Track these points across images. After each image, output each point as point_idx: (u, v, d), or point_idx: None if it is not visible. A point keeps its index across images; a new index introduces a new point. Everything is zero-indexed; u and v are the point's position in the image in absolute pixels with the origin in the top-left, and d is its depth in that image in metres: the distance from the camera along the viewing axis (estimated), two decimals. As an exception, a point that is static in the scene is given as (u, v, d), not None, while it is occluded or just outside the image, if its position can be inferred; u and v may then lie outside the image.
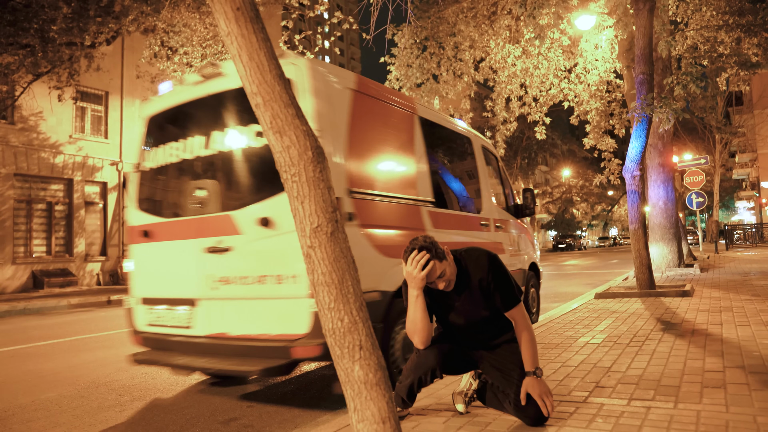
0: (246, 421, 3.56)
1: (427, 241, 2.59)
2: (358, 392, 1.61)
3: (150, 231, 4.24)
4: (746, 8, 12.34)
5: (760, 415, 2.61)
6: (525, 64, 14.05)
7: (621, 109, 13.95)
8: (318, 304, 1.62)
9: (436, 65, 13.88)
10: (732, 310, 5.99)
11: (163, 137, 4.35)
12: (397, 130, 4.50)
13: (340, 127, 3.76)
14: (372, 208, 3.93)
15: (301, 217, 1.56)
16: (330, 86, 3.79)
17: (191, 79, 4.16)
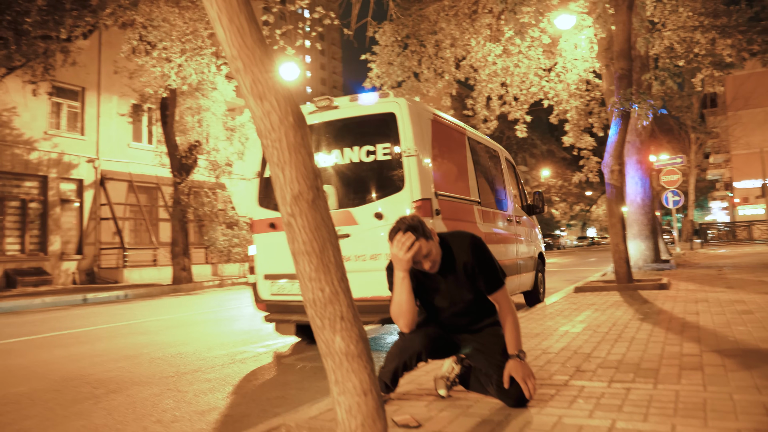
0: (225, 411, 3.51)
1: (414, 220, 2.59)
2: (339, 364, 1.59)
3: (275, 223, 5.43)
4: (721, 10, 12.56)
5: (736, 393, 2.64)
6: (505, 62, 14.12)
7: (600, 108, 14.09)
8: (298, 274, 1.59)
9: (417, 63, 13.89)
10: (708, 301, 6.08)
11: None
12: (457, 147, 5.90)
13: (427, 147, 5.05)
14: (448, 206, 5.18)
15: (282, 184, 1.53)
16: (420, 117, 5.08)
17: (307, 109, 5.42)
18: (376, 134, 5.09)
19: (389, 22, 13.45)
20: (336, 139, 5.29)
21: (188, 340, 6.45)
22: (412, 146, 4.83)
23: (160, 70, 13.59)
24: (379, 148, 5.03)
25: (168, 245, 18.25)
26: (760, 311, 5.14)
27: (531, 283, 7.82)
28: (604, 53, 12.16)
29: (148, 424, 3.35)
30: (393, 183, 4.93)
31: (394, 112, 4.95)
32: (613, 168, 7.54)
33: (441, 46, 13.80)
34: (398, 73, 13.57)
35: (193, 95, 16.22)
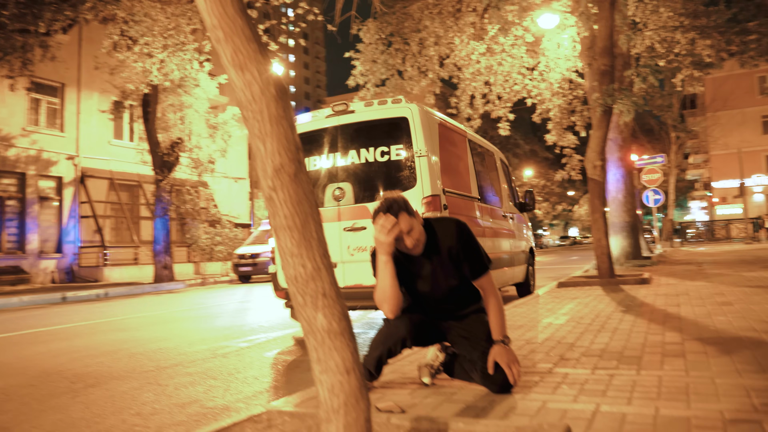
0: (206, 403, 3.46)
1: (397, 197, 2.59)
2: (321, 342, 1.56)
3: None
4: (700, 11, 12.71)
5: (717, 377, 2.66)
6: (489, 61, 14.16)
7: (582, 107, 14.19)
8: (280, 250, 1.55)
9: (401, 61, 13.87)
10: (688, 294, 6.14)
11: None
12: (460, 149, 6.38)
13: (435, 148, 5.52)
14: (454, 202, 5.65)
15: (263, 157, 1.50)
16: (429, 121, 5.60)
17: (325, 113, 5.95)
18: (389, 136, 5.54)
19: (373, 19, 13.43)
20: (352, 141, 5.72)
21: (169, 336, 6.36)
22: (423, 147, 5.33)
23: (141, 65, 13.42)
24: (392, 149, 5.49)
25: (149, 243, 18.06)
26: (739, 303, 5.20)
27: (523, 275, 8.37)
28: (586, 52, 12.24)
29: (127, 416, 3.28)
30: (406, 180, 5.38)
31: (407, 117, 5.45)
32: (596, 163, 7.59)
33: (425, 44, 13.80)
34: (382, 71, 13.55)
35: (175, 92, 16.05)
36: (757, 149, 38.32)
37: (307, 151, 5.92)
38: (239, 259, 16.73)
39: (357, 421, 1.56)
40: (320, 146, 5.89)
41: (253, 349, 5.30)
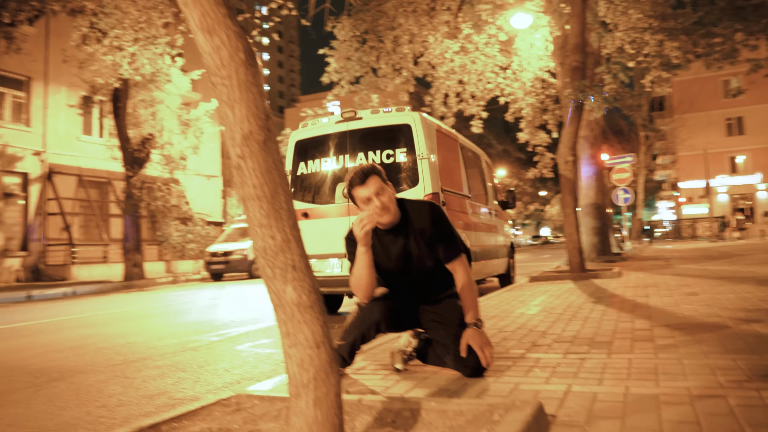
0: (175, 395, 3.39)
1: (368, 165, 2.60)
2: (290, 315, 1.52)
3: (308, 212, 6.36)
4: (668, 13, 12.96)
5: (684, 358, 2.71)
6: (463, 60, 14.23)
7: (554, 106, 14.37)
8: (248, 221, 1.52)
9: (375, 59, 13.85)
10: (657, 286, 6.26)
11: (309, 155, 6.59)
12: (453, 152, 7.00)
13: (434, 151, 6.12)
14: (450, 199, 6.27)
15: (231, 124, 1.46)
16: (429, 127, 6.16)
17: (335, 119, 6.47)
18: (394, 141, 6.10)
19: (347, 17, 13.39)
20: (360, 144, 6.27)
21: (138, 331, 6.24)
22: (424, 151, 5.94)
23: (111, 58, 13.13)
24: (397, 152, 6.06)
25: (119, 241, 17.71)
26: (705, 293, 5.31)
27: (504, 267, 9.05)
28: (558, 51, 12.39)
29: (92, 408, 3.20)
30: (409, 180, 5.95)
31: (410, 124, 6.06)
32: (567, 159, 7.68)
33: (399, 42, 13.80)
34: (356, 68, 13.52)
35: (146, 87, 15.77)
36: (722, 151, 39.32)
37: (319, 153, 6.58)
38: (211, 257, 16.51)
39: (327, 396, 1.53)
40: (331, 148, 6.51)
41: (224, 343, 5.22)
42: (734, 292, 5.28)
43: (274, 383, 2.71)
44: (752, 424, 1.76)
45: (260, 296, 10.07)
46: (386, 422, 1.92)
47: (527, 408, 1.80)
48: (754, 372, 2.38)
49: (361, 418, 1.96)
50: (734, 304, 4.48)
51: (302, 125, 6.91)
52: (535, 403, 1.84)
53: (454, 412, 1.91)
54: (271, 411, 2.09)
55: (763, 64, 12.28)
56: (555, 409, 2.04)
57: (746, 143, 39.21)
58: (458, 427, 1.81)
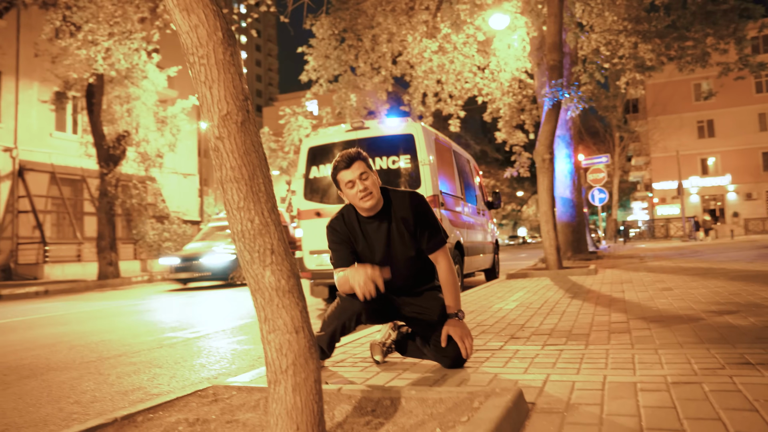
0: (150, 391, 3.33)
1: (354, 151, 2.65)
2: (269, 300, 1.50)
3: (320, 212, 6.91)
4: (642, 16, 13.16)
5: (660, 348, 2.74)
6: (441, 59, 14.28)
7: (531, 106, 14.50)
8: (226, 204, 1.49)
9: (354, 57, 13.83)
10: (632, 282, 6.34)
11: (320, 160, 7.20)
12: (448, 158, 7.59)
13: (433, 158, 6.70)
14: (447, 199, 6.96)
15: (209, 104, 1.43)
16: (428, 137, 6.81)
17: (344, 128, 7.16)
18: (398, 149, 6.73)
19: (326, 15, 13.34)
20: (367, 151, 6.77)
21: (113, 329, 6.12)
22: (426, 158, 6.58)
23: (85, 53, 12.85)
24: (401, 159, 6.68)
25: (93, 240, 17.39)
26: (678, 288, 5.40)
27: (490, 263, 9.72)
28: (536, 52, 12.51)
29: (65, 405, 3.13)
30: (412, 183, 6.55)
31: (413, 134, 6.71)
32: (545, 157, 7.75)
33: (378, 41, 13.79)
34: (335, 66, 13.48)
35: (122, 83, 15.50)
36: (693, 152, 40.07)
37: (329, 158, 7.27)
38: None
39: (306, 382, 1.51)
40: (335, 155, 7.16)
41: (201, 339, 5.16)
42: (706, 287, 5.38)
43: (252, 376, 2.68)
44: (726, 408, 1.79)
45: (238, 296, 9.97)
46: (366, 411, 1.90)
47: (507, 395, 1.80)
48: (727, 360, 2.42)
49: (340, 407, 1.95)
50: (707, 298, 4.56)
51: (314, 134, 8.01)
52: (515, 390, 1.85)
53: (434, 400, 1.90)
54: (250, 401, 2.06)
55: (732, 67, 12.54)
56: (534, 398, 2.05)
57: (716, 145, 40.06)
58: (438, 414, 1.80)
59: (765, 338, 2.84)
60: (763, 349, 2.59)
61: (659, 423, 1.69)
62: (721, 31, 12.37)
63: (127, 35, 13.03)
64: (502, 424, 1.60)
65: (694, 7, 12.42)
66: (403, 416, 1.83)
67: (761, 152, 38.89)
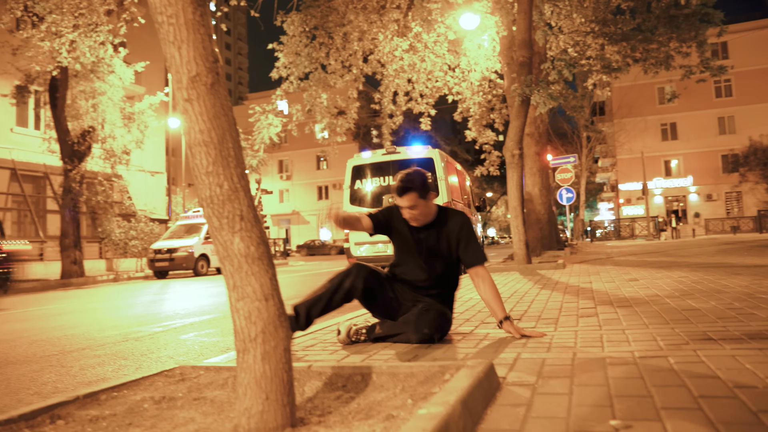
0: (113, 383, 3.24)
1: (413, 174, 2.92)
2: (238, 267, 1.47)
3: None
4: (608, 19, 13.41)
5: (627, 329, 2.79)
6: (412, 58, 14.31)
7: (501, 105, 14.64)
8: (194, 168, 1.46)
9: (325, 55, 13.76)
10: (599, 275, 6.46)
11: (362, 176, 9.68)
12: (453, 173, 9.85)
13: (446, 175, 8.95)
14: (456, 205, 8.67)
15: (178, 66, 1.40)
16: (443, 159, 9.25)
17: (380, 152, 9.78)
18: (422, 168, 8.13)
19: (297, 12, 13.26)
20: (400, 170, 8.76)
21: (77, 324, 5.97)
22: (442, 175, 9.01)
23: (49, 45, 12.47)
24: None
25: (57, 238, 16.92)
26: (644, 279, 5.52)
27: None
28: (506, 52, 12.64)
29: (24, 396, 3.02)
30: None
31: (433, 157, 9.27)
32: (514, 152, 7.83)
33: (349, 39, 13.75)
34: (305, 64, 13.39)
35: (87, 77, 15.12)
36: (657, 154, 41.07)
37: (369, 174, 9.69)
38: (155, 254, 15.97)
39: (276, 350, 1.49)
40: (380, 172, 9.66)
41: (168, 333, 5.06)
42: (670, 277, 5.51)
43: (221, 359, 2.64)
44: (691, 376, 1.83)
45: (207, 292, 9.83)
46: (337, 386, 1.89)
47: (479, 366, 1.80)
48: (691, 337, 2.48)
49: (311, 384, 1.93)
50: (671, 286, 4.67)
51: (357, 155, 10.15)
52: (486, 363, 1.85)
53: (405, 374, 1.90)
54: (218, 380, 2.03)
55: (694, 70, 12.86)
56: (505, 373, 2.06)
57: (679, 148, 41.16)
58: (410, 387, 1.80)
59: (725, 317, 2.92)
60: (723, 327, 2.66)
61: (627, 391, 1.72)
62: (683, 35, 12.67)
63: (93, 28, 12.70)
64: (474, 392, 1.60)
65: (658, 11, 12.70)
66: (375, 390, 1.82)
67: (720, 155, 40.09)
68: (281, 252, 29.25)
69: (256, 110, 16.99)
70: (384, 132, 15.44)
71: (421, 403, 1.60)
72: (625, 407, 1.57)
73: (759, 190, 37.95)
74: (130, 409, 1.75)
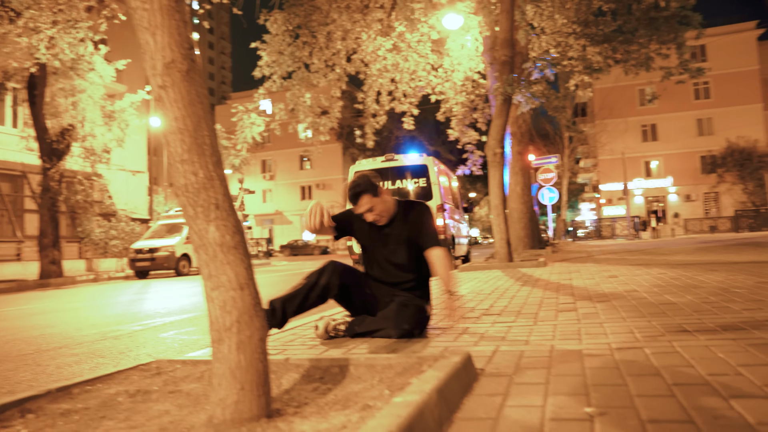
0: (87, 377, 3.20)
1: (362, 180, 2.89)
2: (212, 256, 1.46)
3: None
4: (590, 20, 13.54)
5: (605, 322, 2.82)
6: (395, 58, 14.32)
7: (484, 105, 14.71)
8: (169, 156, 1.44)
9: (308, 54, 13.72)
10: (580, 272, 6.52)
11: None
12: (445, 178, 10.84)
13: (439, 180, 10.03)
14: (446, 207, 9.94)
15: (152, 52, 1.38)
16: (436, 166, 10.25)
17: (380, 159, 10.55)
18: (417, 174, 10.14)
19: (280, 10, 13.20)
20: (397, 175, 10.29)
21: (54, 324, 5.87)
22: (435, 180, 10.00)
23: (26, 41, 12.24)
24: (420, 180, 10.10)
25: (35, 238, 16.63)
26: (623, 276, 5.58)
27: (466, 251, 13.19)
28: (489, 52, 12.70)
29: (-2, 394, 2.97)
30: (426, 196, 9.85)
31: (427, 164, 10.20)
32: (496, 151, 7.87)
33: (332, 38, 13.73)
34: (289, 62, 13.34)
35: (66, 75, 14.88)
36: (638, 155, 41.58)
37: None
38: (136, 254, 15.78)
39: (251, 339, 1.48)
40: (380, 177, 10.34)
41: (148, 332, 5.00)
42: (649, 274, 5.58)
43: (199, 354, 2.61)
44: (665, 366, 1.85)
45: (189, 291, 9.74)
46: (314, 378, 1.88)
47: (456, 357, 1.81)
48: (667, 329, 2.51)
49: (288, 376, 1.92)
50: (649, 282, 4.73)
51: (359, 162, 11.04)
52: (463, 353, 1.86)
53: (383, 366, 1.90)
54: (194, 373, 2.01)
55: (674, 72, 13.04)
56: (484, 365, 2.07)
57: (659, 149, 41.73)
58: (387, 378, 1.80)
59: (701, 311, 2.96)
60: (698, 319, 2.70)
61: (603, 380, 1.73)
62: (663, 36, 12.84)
63: (73, 24, 12.51)
64: (450, 382, 1.60)
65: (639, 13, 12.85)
66: (352, 382, 1.81)
67: (699, 156, 40.69)
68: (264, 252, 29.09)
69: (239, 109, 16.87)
70: (367, 131, 15.42)
71: (398, 393, 1.59)
72: (601, 395, 1.58)
73: (736, 191, 38.59)
74: (103, 403, 1.72)
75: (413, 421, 1.26)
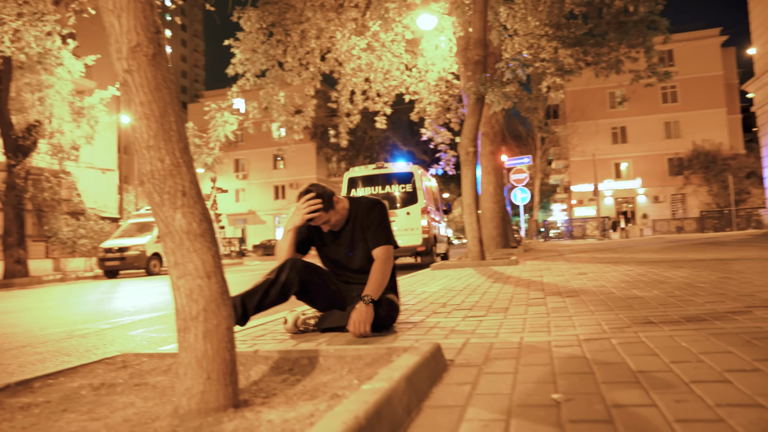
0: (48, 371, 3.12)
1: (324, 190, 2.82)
2: (179, 244, 1.44)
3: None
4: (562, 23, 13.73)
5: (574, 315, 2.86)
6: (369, 57, 14.32)
7: (457, 104, 14.80)
8: (136, 142, 1.42)
9: (282, 52, 13.63)
10: (550, 269, 6.60)
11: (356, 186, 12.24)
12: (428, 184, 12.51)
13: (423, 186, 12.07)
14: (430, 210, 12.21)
15: (117, 35, 1.35)
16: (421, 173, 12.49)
17: (371, 166, 12.58)
18: (404, 180, 11.75)
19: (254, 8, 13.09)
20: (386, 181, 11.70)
21: (18, 323, 5.72)
22: (420, 185, 11.56)
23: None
24: (406, 186, 11.68)
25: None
26: (593, 273, 5.67)
27: (445, 249, 14.53)
28: (462, 53, 12.78)
29: (-42, 392, 2.88)
30: (412, 200, 11.52)
31: (413, 172, 11.89)
32: (469, 150, 7.92)
33: (306, 37, 13.66)
34: (262, 60, 13.24)
35: (33, 69, 14.52)
36: (608, 157, 42.34)
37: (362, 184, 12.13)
38: (105, 253, 15.47)
39: (218, 328, 1.46)
40: (370, 183, 12.01)
41: (116, 330, 4.91)
42: (617, 271, 5.68)
43: (168, 348, 2.57)
44: (631, 354, 1.89)
45: (159, 290, 9.59)
46: (283, 370, 1.87)
47: (425, 347, 1.81)
48: (634, 321, 2.56)
49: (257, 368, 1.90)
50: (617, 278, 4.81)
51: (352, 169, 12.53)
52: (433, 344, 1.87)
53: (352, 357, 1.89)
54: (161, 366, 1.98)
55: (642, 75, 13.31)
56: (454, 356, 2.08)
57: (628, 151, 42.57)
58: (357, 369, 1.79)
59: (666, 304, 3.03)
60: (664, 312, 2.76)
61: (570, 369, 1.76)
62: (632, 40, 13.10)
63: (39, 17, 12.20)
64: (419, 371, 1.61)
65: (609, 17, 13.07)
66: (321, 373, 1.81)
67: (667, 158, 41.62)
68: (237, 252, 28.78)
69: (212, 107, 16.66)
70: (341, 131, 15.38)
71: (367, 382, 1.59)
72: (568, 383, 1.60)
73: (701, 193, 39.56)
74: (65, 396, 1.68)
75: (381, 407, 1.26)
